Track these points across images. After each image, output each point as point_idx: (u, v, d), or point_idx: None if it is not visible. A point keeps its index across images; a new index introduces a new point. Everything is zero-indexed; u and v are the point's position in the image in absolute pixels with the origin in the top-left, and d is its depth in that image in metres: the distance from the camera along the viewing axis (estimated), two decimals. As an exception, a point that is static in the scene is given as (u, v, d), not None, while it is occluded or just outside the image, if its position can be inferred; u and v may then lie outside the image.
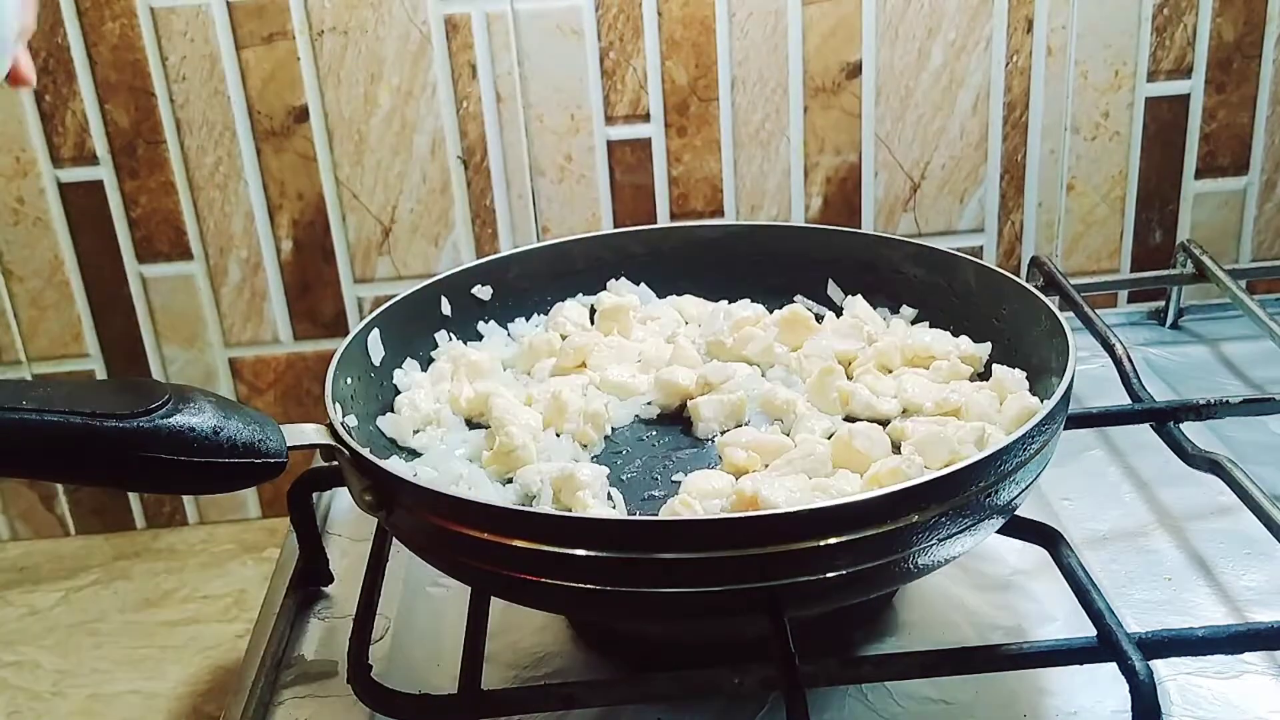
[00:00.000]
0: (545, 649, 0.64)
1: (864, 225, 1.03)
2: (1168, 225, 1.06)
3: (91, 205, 0.99)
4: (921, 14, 0.97)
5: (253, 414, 0.56)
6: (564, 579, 0.52)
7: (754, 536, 0.50)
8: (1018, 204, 1.04)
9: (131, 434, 0.52)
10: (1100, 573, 0.66)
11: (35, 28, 0.59)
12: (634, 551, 0.50)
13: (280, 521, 0.99)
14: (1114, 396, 0.77)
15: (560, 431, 0.66)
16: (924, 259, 0.76)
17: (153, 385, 0.54)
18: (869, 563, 0.51)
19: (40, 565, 1.01)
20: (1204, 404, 0.71)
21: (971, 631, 0.63)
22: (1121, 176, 1.04)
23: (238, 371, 1.05)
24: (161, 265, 1.01)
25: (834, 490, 0.58)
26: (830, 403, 0.67)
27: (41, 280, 1.00)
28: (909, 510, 0.51)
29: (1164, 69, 1.00)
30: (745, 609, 0.53)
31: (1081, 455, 0.79)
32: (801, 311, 0.75)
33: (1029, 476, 0.56)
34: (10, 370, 1.02)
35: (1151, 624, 0.57)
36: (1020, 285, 0.70)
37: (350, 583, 0.69)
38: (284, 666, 0.65)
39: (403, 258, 1.02)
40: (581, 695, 0.54)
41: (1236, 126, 1.03)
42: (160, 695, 0.86)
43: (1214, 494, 0.70)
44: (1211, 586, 0.66)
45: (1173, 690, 0.58)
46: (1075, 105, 1.01)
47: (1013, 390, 0.65)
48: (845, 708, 0.58)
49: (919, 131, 1.01)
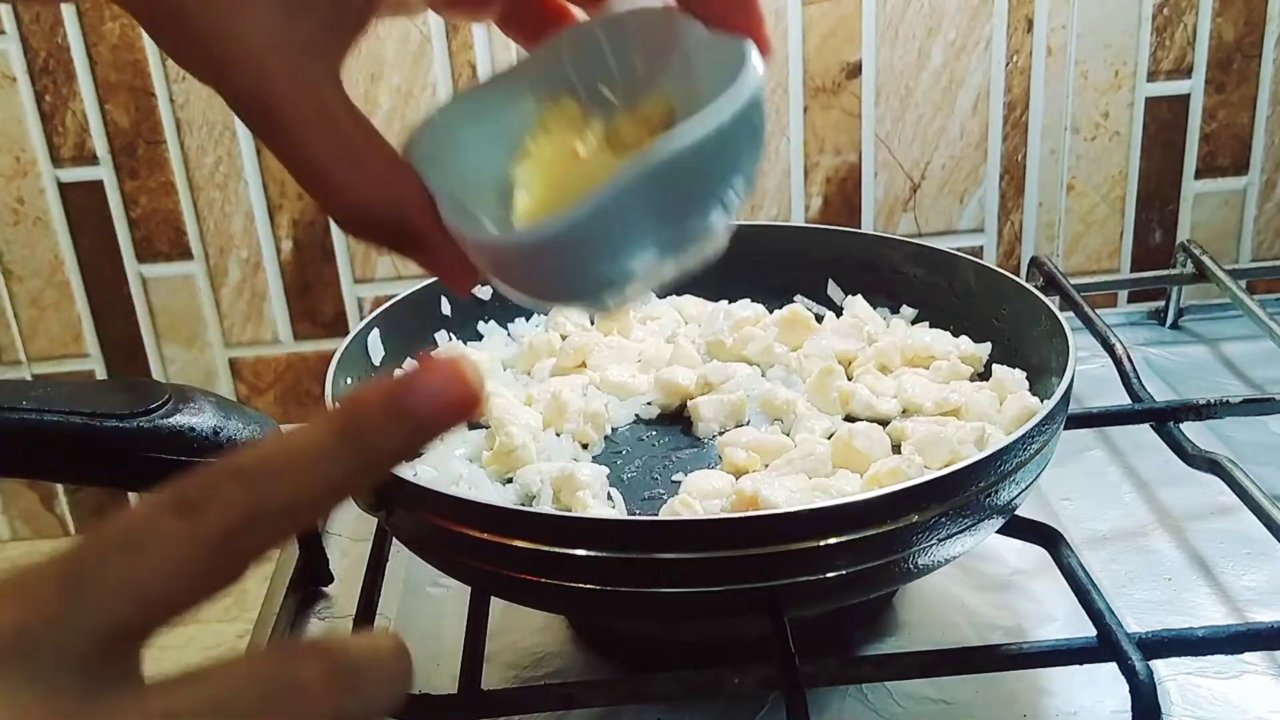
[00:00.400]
0: (545, 649, 0.64)
1: (864, 225, 1.03)
2: (1168, 225, 1.06)
3: (91, 205, 0.99)
4: (921, 14, 0.97)
5: (253, 414, 0.56)
6: (564, 579, 0.52)
7: (754, 536, 0.50)
8: (1018, 204, 1.04)
9: (131, 434, 0.52)
10: (1100, 573, 0.66)
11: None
12: (634, 551, 0.50)
13: (280, 521, 0.99)
14: (1114, 396, 0.77)
15: (560, 431, 0.66)
16: (924, 259, 0.76)
17: (153, 385, 0.55)
18: (869, 563, 0.51)
19: (40, 565, 1.01)
20: (1204, 404, 0.71)
21: (971, 631, 0.63)
22: (1121, 176, 1.04)
23: (238, 372, 1.05)
24: (161, 265, 1.01)
25: (834, 490, 0.58)
26: (830, 403, 0.67)
27: (41, 280, 1.00)
28: (909, 510, 0.51)
29: (1164, 69, 1.00)
30: (745, 609, 0.53)
31: (1081, 455, 0.79)
32: (801, 311, 0.75)
33: (1029, 476, 0.56)
34: (10, 370, 1.02)
35: (1151, 624, 0.57)
36: (1020, 285, 0.70)
37: (350, 583, 0.69)
38: (284, 666, 0.65)
39: (402, 257, 1.02)
40: (581, 695, 0.54)
41: (1236, 126, 1.03)
42: (160, 695, 0.86)
43: (1214, 494, 0.70)
44: (1212, 586, 0.66)
45: (1173, 690, 0.58)
46: (1075, 105, 1.01)
47: (1013, 390, 0.65)
48: (845, 708, 0.58)
49: (919, 131, 1.01)
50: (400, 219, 0.39)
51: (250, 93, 0.37)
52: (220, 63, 0.37)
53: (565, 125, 0.42)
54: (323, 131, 0.38)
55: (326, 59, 0.39)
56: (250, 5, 0.37)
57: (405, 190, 0.39)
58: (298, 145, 0.38)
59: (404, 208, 0.39)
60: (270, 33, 0.37)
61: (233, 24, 0.37)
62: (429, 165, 0.40)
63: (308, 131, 0.37)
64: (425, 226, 0.39)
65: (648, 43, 0.42)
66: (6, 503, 1.05)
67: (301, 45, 0.37)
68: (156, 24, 0.38)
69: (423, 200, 0.39)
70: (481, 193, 0.41)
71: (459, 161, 0.41)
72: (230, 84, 0.37)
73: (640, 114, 0.42)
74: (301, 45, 0.37)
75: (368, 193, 0.38)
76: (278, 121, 0.37)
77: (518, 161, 0.42)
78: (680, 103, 0.41)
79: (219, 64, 0.37)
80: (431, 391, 0.32)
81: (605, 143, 0.42)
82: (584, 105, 0.43)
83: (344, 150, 0.38)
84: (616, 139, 0.42)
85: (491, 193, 0.42)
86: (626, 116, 0.42)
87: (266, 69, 0.37)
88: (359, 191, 0.38)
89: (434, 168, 0.40)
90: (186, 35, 0.37)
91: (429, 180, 0.39)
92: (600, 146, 0.42)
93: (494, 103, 0.43)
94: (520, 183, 0.42)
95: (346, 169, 0.38)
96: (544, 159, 0.42)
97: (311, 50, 0.38)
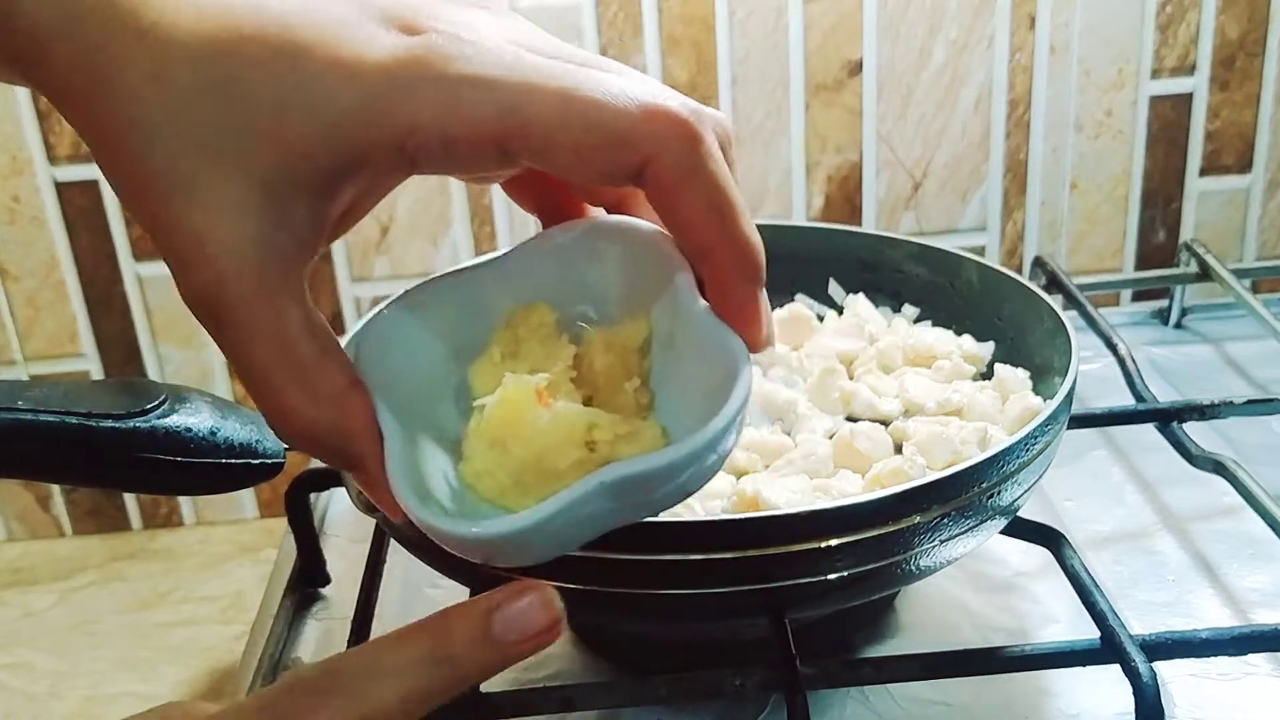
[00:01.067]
0: (545, 651, 0.63)
1: (865, 224, 1.03)
2: (1171, 224, 1.05)
3: (88, 204, 0.98)
4: (923, 11, 0.97)
5: (250, 414, 0.56)
6: (563, 580, 0.51)
7: (755, 538, 0.49)
8: (1020, 203, 1.03)
9: (128, 434, 0.52)
10: (1103, 574, 0.66)
11: None
12: (634, 552, 0.50)
13: (278, 522, 0.99)
14: (1117, 397, 0.76)
15: (559, 431, 0.66)
16: (926, 258, 0.75)
17: (149, 385, 0.54)
18: (870, 564, 0.51)
19: (36, 566, 1.00)
20: (1208, 404, 0.71)
21: (973, 633, 0.63)
22: (1125, 175, 1.03)
23: (234, 371, 1.04)
24: (158, 264, 1.00)
25: (835, 491, 0.58)
26: (831, 403, 0.67)
27: (37, 279, 1.00)
28: (911, 511, 0.50)
29: (1167, 67, 1.00)
30: (746, 611, 0.52)
31: (1084, 455, 0.78)
32: (802, 311, 0.74)
33: (1032, 477, 0.56)
34: (6, 370, 1.02)
35: (1155, 625, 0.57)
36: (1023, 285, 0.69)
37: (348, 584, 0.69)
38: (281, 668, 0.64)
39: (401, 257, 1.02)
40: (581, 697, 0.54)
41: (1240, 125, 1.02)
42: (157, 697, 0.86)
43: (1218, 495, 0.70)
44: (1215, 588, 0.66)
45: (1176, 692, 0.58)
46: (1078, 103, 1.01)
47: (1015, 390, 0.65)
48: (846, 709, 0.58)
49: (921, 130, 1.00)
50: (342, 448, 0.38)
51: (209, 294, 0.36)
52: (182, 255, 0.36)
53: (533, 331, 0.42)
54: (275, 347, 0.37)
55: (294, 270, 0.37)
56: (237, 211, 0.35)
57: (351, 420, 0.38)
58: (247, 355, 0.37)
59: (348, 437, 0.38)
60: (244, 240, 0.36)
61: (212, 227, 0.35)
62: (378, 365, 0.39)
63: (260, 345, 0.36)
64: (367, 457, 0.38)
65: (639, 266, 0.42)
66: (2, 503, 1.04)
67: (272, 256, 0.36)
68: (130, 192, 0.37)
69: (368, 430, 0.38)
70: (436, 390, 0.41)
71: (416, 357, 0.41)
72: (189, 280, 0.36)
73: (616, 338, 0.42)
74: (272, 256, 0.36)
75: (314, 415, 0.37)
76: (231, 329, 0.36)
77: (478, 362, 0.42)
78: (659, 339, 0.41)
79: (182, 255, 0.36)
80: (517, 621, 0.37)
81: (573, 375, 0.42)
82: (558, 312, 0.42)
83: (294, 369, 0.37)
84: (587, 369, 0.41)
85: (448, 392, 0.41)
86: (600, 338, 0.42)
87: (231, 275, 0.36)
88: (304, 413, 0.37)
89: (384, 368, 0.39)
90: (159, 221, 0.36)
91: (376, 392, 0.39)
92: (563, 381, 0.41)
93: (462, 294, 0.42)
94: (478, 392, 0.41)
95: (296, 389, 0.37)
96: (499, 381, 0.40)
97: (280, 261, 0.36)
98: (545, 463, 0.38)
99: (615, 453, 0.39)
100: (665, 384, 0.42)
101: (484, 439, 0.40)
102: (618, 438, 0.39)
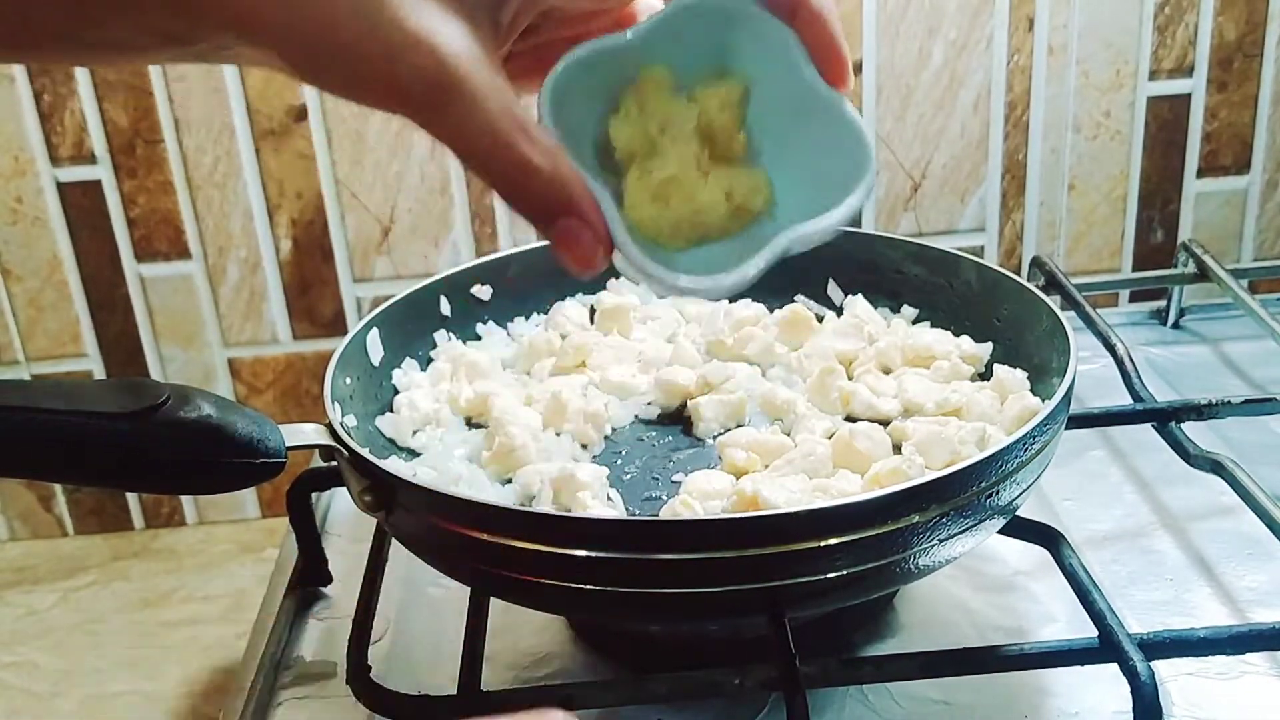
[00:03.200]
0: (545, 649, 0.64)
1: (865, 225, 1.03)
2: (1169, 225, 1.06)
3: (90, 205, 0.99)
4: (922, 13, 0.97)
5: (251, 414, 0.56)
6: (564, 579, 0.52)
7: (754, 537, 0.50)
8: (1019, 203, 1.04)
9: (129, 434, 0.52)
10: (1101, 573, 0.66)
11: None
12: (634, 552, 0.50)
13: (279, 522, 0.99)
14: (1115, 396, 0.77)
15: (560, 431, 0.66)
16: (925, 258, 0.75)
17: (151, 385, 0.54)
18: (870, 563, 0.51)
19: (38, 566, 1.01)
20: (1206, 404, 0.71)
21: (972, 632, 0.63)
22: (1123, 176, 1.04)
23: (236, 371, 1.05)
24: (160, 265, 1.01)
25: (834, 490, 0.58)
26: (831, 403, 0.67)
27: (40, 280, 1.00)
28: (910, 511, 0.51)
29: (1165, 68, 1.00)
30: (745, 610, 0.52)
31: (1083, 455, 0.79)
32: (802, 311, 0.74)
33: (1030, 477, 0.56)
34: (9, 370, 1.02)
35: (1153, 624, 0.57)
36: (1021, 285, 0.69)
37: (349, 583, 0.69)
38: (283, 667, 0.65)
39: (402, 257, 1.02)
40: (581, 696, 0.54)
41: (1238, 126, 1.03)
42: (159, 696, 0.86)
43: (1216, 494, 0.70)
44: (1213, 587, 0.66)
45: (1174, 691, 0.58)
46: (1076, 104, 1.01)
47: (1014, 390, 0.65)
48: (845, 708, 0.58)
49: (920, 130, 1.01)
50: (569, 195, 0.43)
51: (439, 74, 0.40)
52: (395, 47, 0.39)
53: (654, 90, 0.48)
54: (505, 110, 0.41)
55: (493, 46, 0.42)
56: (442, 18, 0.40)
57: (566, 168, 0.43)
58: (481, 121, 0.40)
59: (570, 183, 0.43)
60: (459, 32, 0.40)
61: (434, 23, 0.40)
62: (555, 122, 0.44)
63: (493, 109, 0.40)
64: (584, 200, 0.43)
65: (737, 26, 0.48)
66: (4, 503, 1.05)
67: (480, 45, 0.41)
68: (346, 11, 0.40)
69: (578, 178, 0.43)
70: (583, 141, 0.47)
71: (571, 113, 0.46)
72: (420, 61, 0.40)
73: (729, 96, 0.48)
74: (480, 45, 0.41)
75: (543, 164, 0.42)
76: (460, 102, 0.40)
77: (615, 118, 0.47)
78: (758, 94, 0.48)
79: (394, 49, 0.39)
80: None
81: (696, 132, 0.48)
82: (674, 73, 0.48)
83: (523, 128, 0.41)
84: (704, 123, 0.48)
85: (589, 143, 0.47)
86: (715, 96, 0.48)
87: (463, 54, 0.40)
88: (538, 164, 0.42)
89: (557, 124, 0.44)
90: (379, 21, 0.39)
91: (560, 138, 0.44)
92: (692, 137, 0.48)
93: (601, 59, 0.47)
94: (619, 147, 0.47)
95: (529, 144, 0.41)
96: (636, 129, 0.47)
97: (488, 49, 0.41)
98: (700, 216, 0.47)
99: (748, 202, 0.48)
100: (764, 134, 0.49)
101: (647, 193, 0.47)
102: (750, 190, 0.48)
